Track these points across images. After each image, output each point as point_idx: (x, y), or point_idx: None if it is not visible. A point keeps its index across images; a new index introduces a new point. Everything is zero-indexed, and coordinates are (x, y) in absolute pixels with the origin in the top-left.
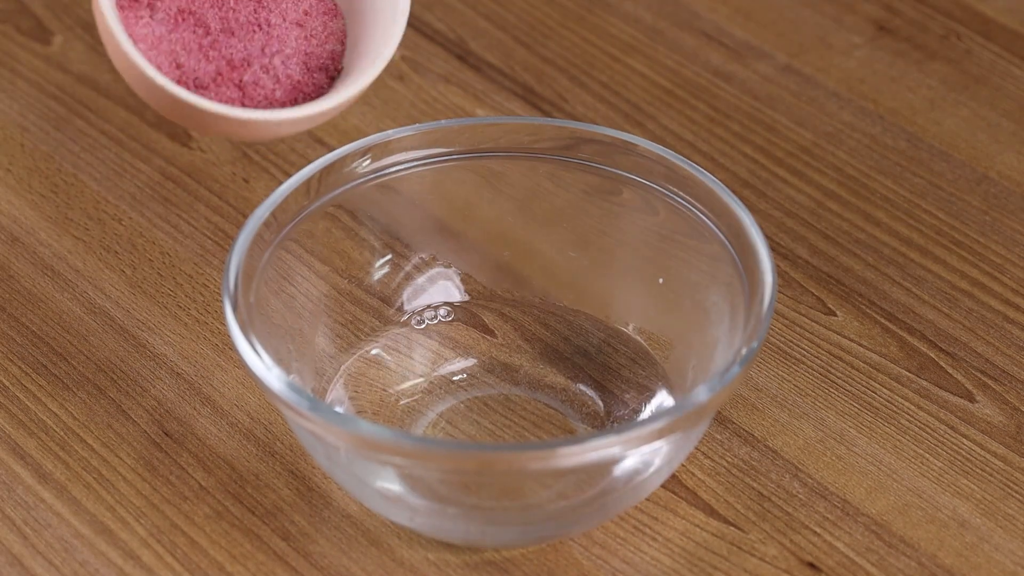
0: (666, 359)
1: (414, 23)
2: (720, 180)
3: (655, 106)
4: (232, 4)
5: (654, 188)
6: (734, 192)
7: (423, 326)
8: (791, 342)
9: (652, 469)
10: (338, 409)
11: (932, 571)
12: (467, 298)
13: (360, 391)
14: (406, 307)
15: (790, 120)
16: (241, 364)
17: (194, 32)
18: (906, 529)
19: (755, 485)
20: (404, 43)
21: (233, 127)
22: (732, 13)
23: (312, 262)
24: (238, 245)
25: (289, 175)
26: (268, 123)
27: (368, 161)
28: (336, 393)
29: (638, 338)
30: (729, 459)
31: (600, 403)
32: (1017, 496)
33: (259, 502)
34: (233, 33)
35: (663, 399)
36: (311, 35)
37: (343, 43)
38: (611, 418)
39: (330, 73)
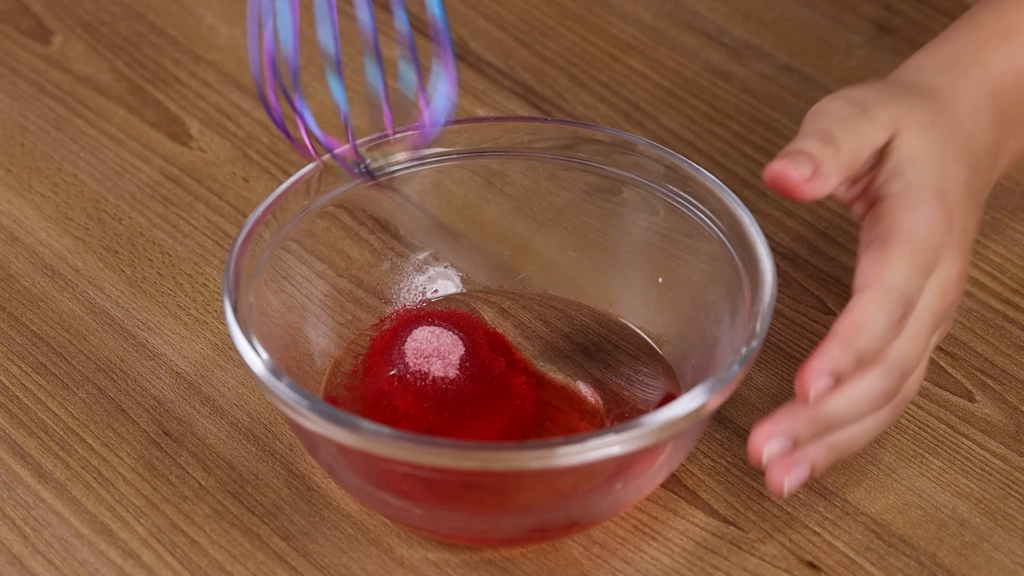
0: (666, 358)
1: (413, 23)
2: (720, 180)
3: (655, 106)
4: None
5: (654, 188)
6: (734, 192)
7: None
8: (791, 342)
9: (652, 469)
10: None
11: (932, 570)
12: (467, 297)
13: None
14: (405, 306)
15: (790, 120)
16: (241, 364)
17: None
18: (906, 528)
19: (755, 485)
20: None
21: None
22: (732, 13)
23: (312, 262)
24: (238, 245)
25: (289, 175)
26: None
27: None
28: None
29: (638, 337)
30: (729, 459)
31: (600, 401)
32: (1017, 495)
33: (259, 502)
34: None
35: (663, 398)
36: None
37: None
38: (611, 416)
39: None
